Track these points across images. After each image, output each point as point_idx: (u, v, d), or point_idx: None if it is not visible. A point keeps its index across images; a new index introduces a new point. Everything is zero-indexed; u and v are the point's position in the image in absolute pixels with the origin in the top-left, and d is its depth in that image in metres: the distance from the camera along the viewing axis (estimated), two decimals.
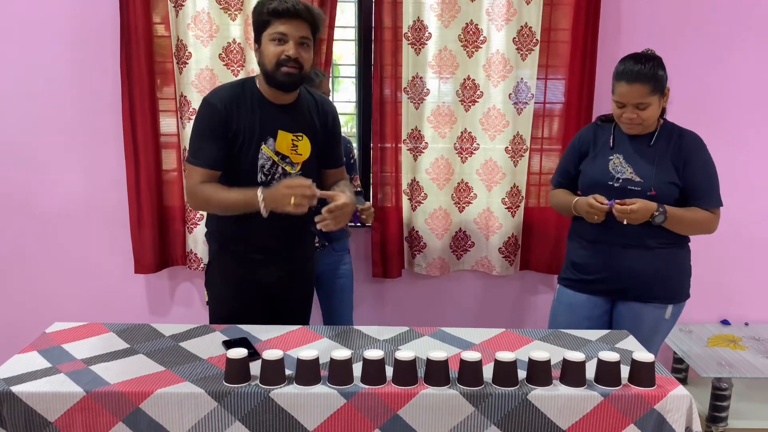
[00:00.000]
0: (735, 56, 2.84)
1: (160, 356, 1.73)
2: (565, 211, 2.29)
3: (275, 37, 1.85)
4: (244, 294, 2.07)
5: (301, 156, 1.99)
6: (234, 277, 2.07)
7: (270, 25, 1.85)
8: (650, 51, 2.08)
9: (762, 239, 2.99)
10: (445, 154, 2.85)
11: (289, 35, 1.84)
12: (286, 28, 1.84)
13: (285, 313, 2.14)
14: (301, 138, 1.98)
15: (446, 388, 1.57)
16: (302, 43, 1.87)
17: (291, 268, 2.12)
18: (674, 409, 1.58)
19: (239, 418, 1.54)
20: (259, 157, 1.94)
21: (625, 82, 2.02)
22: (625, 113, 2.06)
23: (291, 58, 1.84)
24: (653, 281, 2.13)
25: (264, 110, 1.94)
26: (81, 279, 2.93)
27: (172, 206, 2.85)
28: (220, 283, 2.10)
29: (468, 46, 2.75)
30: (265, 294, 2.10)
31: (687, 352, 2.72)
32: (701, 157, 2.10)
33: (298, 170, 2.00)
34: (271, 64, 1.86)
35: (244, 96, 1.93)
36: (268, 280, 2.08)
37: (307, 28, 1.87)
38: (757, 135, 2.90)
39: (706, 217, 2.09)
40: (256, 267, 2.06)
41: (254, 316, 2.04)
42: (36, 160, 2.81)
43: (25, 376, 1.59)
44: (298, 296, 2.21)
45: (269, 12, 1.84)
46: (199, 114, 1.94)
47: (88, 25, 2.70)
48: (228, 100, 1.91)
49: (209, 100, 1.92)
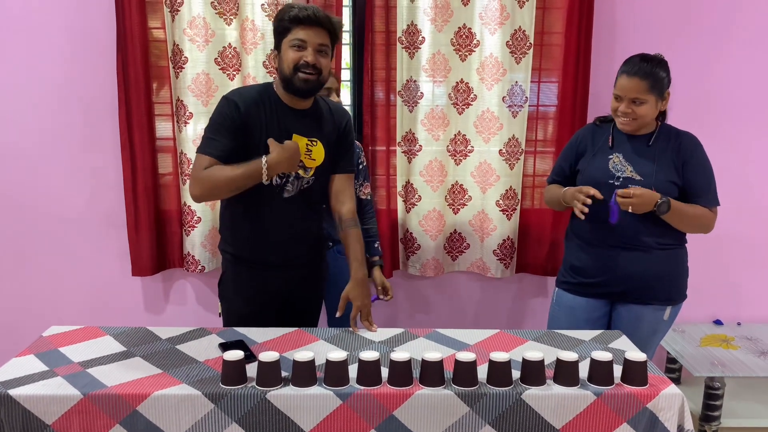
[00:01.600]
0: (729, 59, 2.86)
1: (157, 359, 1.74)
2: (556, 205, 2.30)
3: (295, 43, 1.88)
4: (257, 303, 2.09)
5: (315, 161, 2.01)
6: (248, 289, 2.09)
7: (290, 32, 1.88)
8: (659, 54, 2.12)
9: (754, 240, 3.02)
10: (438, 157, 2.87)
11: (308, 42, 1.87)
12: (305, 34, 1.87)
13: (295, 316, 2.15)
14: (315, 143, 2.00)
15: (441, 388, 1.59)
16: (320, 50, 1.90)
17: (303, 275, 2.14)
18: (666, 408, 1.60)
19: (236, 420, 1.55)
20: None
21: (625, 74, 2.07)
22: (620, 107, 2.09)
23: (309, 63, 1.87)
24: (653, 283, 2.15)
25: (281, 114, 1.96)
26: (78, 282, 2.94)
27: (169, 209, 2.86)
28: (234, 295, 2.11)
29: (461, 50, 2.77)
30: (277, 299, 2.12)
31: (680, 351, 2.74)
32: (699, 157, 2.13)
33: (311, 175, 2.02)
34: (290, 69, 1.88)
35: (263, 99, 1.96)
36: (280, 288, 2.10)
37: (326, 35, 1.90)
38: (749, 136, 2.93)
39: (705, 213, 2.12)
40: (271, 276, 2.07)
41: (265, 321, 2.05)
42: (33, 164, 2.82)
43: (22, 379, 1.60)
44: (310, 298, 2.22)
45: (290, 19, 1.87)
46: (218, 109, 1.95)
47: (84, 29, 2.71)
48: (249, 100, 1.93)
49: (230, 98, 1.94)
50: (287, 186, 1.99)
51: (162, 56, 2.73)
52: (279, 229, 2.03)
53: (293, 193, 2.01)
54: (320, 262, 2.21)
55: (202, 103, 2.71)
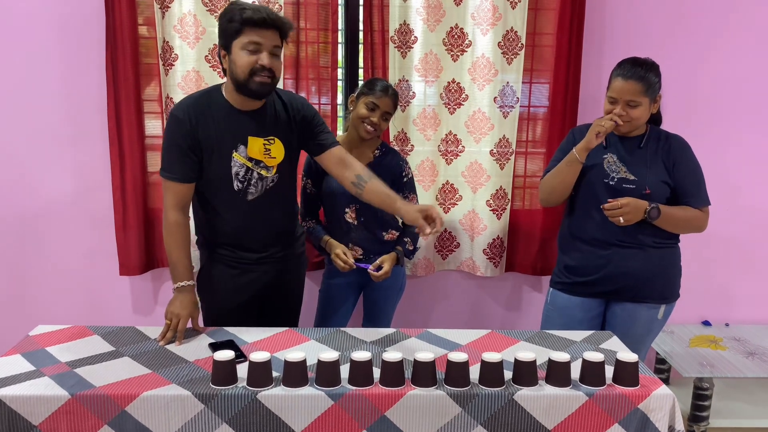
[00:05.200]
0: (719, 60, 2.88)
1: (146, 359, 1.73)
2: (561, 179, 2.21)
3: (249, 47, 1.84)
4: (237, 298, 2.09)
5: (275, 159, 2.00)
6: (226, 283, 2.08)
7: (242, 34, 1.84)
8: (650, 59, 2.14)
9: (742, 241, 3.04)
10: (430, 156, 2.86)
11: (263, 45, 1.85)
12: (259, 37, 1.84)
13: (274, 314, 2.15)
14: (273, 141, 1.99)
15: (433, 388, 1.58)
16: (274, 53, 1.88)
17: (282, 268, 2.13)
18: (658, 408, 1.61)
19: (226, 420, 1.54)
20: (231, 165, 1.95)
21: (621, 78, 2.09)
22: (615, 110, 2.11)
23: (265, 67, 1.85)
24: (647, 281, 2.17)
25: (231, 118, 1.94)
26: (65, 281, 2.90)
27: (158, 208, 2.83)
28: (213, 289, 2.10)
29: (453, 50, 2.76)
30: (256, 296, 2.11)
31: (669, 352, 2.75)
32: (688, 159, 2.17)
33: (275, 173, 2.01)
34: (244, 73, 1.85)
35: (210, 106, 1.94)
36: (259, 282, 2.09)
37: (278, 37, 1.89)
38: (738, 137, 2.95)
39: (696, 214, 2.16)
40: (248, 270, 2.07)
41: (246, 318, 2.04)
42: (20, 162, 2.78)
43: (8, 379, 1.58)
44: (289, 296, 2.22)
45: (242, 21, 1.82)
46: (167, 127, 1.95)
47: (73, 26, 2.67)
48: (194, 112, 1.91)
49: (174, 113, 1.93)
50: (250, 189, 1.98)
51: (151, 53, 2.70)
52: (248, 231, 2.04)
53: (258, 194, 2.00)
54: (296, 257, 2.21)
55: None
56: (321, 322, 2.53)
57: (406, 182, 2.47)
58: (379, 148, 2.44)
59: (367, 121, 2.32)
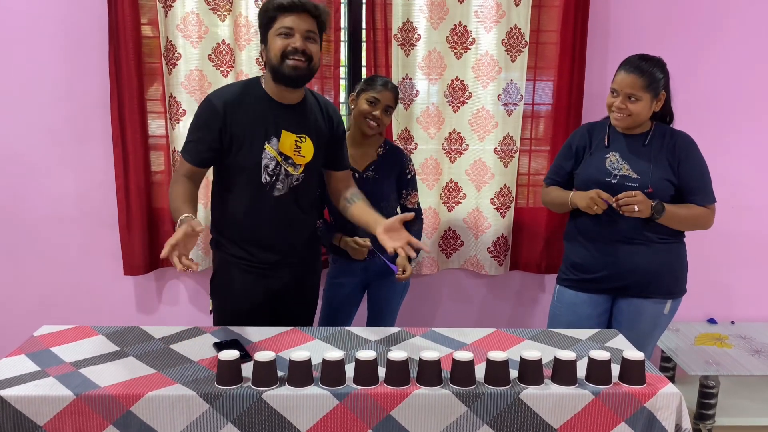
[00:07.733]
0: (724, 58, 2.87)
1: (151, 359, 1.72)
2: (559, 207, 2.31)
3: (281, 31, 1.84)
4: (250, 302, 2.06)
5: (304, 158, 1.99)
6: (240, 286, 2.06)
7: (276, 21, 1.85)
8: (657, 56, 2.14)
9: (748, 238, 3.03)
10: (434, 155, 2.86)
11: (295, 28, 1.84)
12: (291, 21, 1.84)
13: (289, 314, 2.12)
14: (304, 140, 1.97)
15: (439, 388, 1.58)
16: (309, 36, 1.86)
17: (297, 274, 2.11)
18: (664, 407, 1.60)
19: (231, 420, 1.53)
20: (263, 156, 1.93)
21: (623, 70, 2.10)
22: (616, 102, 2.11)
23: (298, 49, 1.84)
24: (654, 276, 2.17)
25: (268, 109, 1.93)
26: (69, 281, 2.91)
27: (161, 208, 2.84)
28: (226, 292, 2.09)
29: (456, 48, 2.76)
30: (270, 301, 2.09)
31: (675, 350, 2.74)
32: (694, 156, 2.16)
33: (301, 172, 1.99)
34: (277, 57, 1.85)
35: (248, 95, 1.93)
36: (274, 287, 2.07)
37: (313, 22, 1.87)
38: (744, 135, 2.93)
39: (701, 212, 2.15)
40: (263, 275, 2.05)
41: (258, 319, 2.03)
42: (24, 162, 2.78)
43: (13, 379, 1.57)
44: (303, 302, 2.19)
45: (275, 8, 1.84)
46: (199, 108, 1.95)
47: (76, 26, 2.67)
48: (229, 100, 1.91)
49: (209, 98, 1.93)
50: (277, 184, 1.96)
51: (155, 53, 2.70)
52: (271, 227, 2.01)
53: (284, 191, 1.99)
54: (314, 261, 2.19)
55: (195, 100, 2.68)
56: (326, 322, 2.52)
57: (408, 179, 2.47)
58: (382, 146, 2.44)
59: (370, 116, 2.31)
